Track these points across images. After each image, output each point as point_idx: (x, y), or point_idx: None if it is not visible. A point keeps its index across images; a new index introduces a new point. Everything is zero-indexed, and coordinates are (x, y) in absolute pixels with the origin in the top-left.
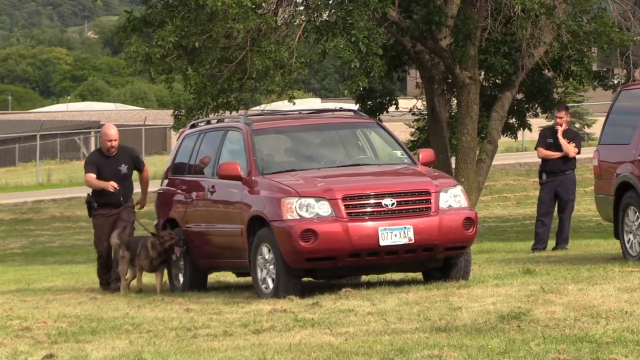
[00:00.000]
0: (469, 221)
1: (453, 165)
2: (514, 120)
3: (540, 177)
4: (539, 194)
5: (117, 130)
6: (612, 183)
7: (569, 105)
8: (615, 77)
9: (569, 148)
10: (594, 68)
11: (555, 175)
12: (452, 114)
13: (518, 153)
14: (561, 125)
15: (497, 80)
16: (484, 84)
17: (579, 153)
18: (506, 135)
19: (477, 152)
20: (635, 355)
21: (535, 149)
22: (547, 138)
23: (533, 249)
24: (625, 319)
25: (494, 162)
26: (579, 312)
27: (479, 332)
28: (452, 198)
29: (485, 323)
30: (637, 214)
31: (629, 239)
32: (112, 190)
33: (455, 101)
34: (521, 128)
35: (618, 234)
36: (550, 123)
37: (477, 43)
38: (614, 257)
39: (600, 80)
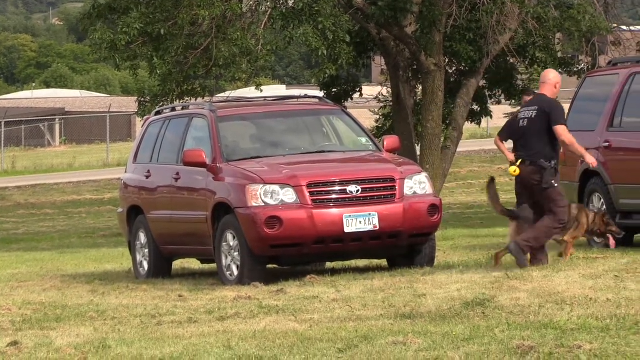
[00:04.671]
0: (434, 208)
1: (418, 152)
2: (476, 107)
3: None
4: (516, 181)
5: None
6: (577, 170)
7: (535, 91)
8: (580, 64)
9: None
10: (559, 55)
11: None
12: (417, 100)
13: (483, 140)
14: None
15: (462, 67)
16: (449, 70)
17: None
18: (470, 122)
19: (442, 138)
20: (599, 342)
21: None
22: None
23: None
24: (589, 306)
25: (459, 149)
26: (543, 298)
27: (443, 319)
28: (417, 185)
29: (450, 310)
30: (602, 200)
31: None
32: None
33: (421, 88)
34: (483, 115)
35: None
36: (515, 110)
37: (443, 30)
38: (578, 244)
39: (565, 66)
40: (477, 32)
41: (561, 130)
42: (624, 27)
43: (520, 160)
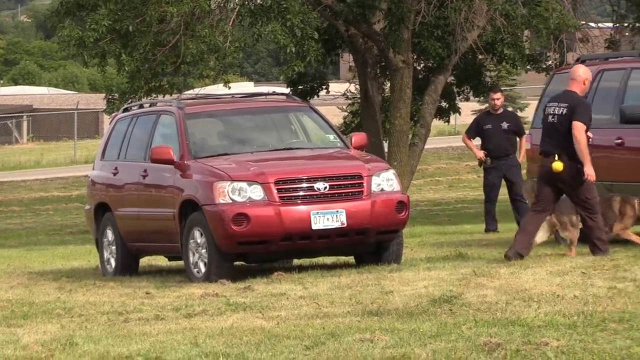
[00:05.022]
0: (401, 205)
1: (386, 149)
2: (445, 104)
3: (483, 162)
4: (485, 177)
5: None
6: None
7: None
8: (549, 61)
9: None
10: (527, 51)
11: (500, 159)
12: (385, 97)
13: (450, 137)
14: (498, 107)
15: (430, 64)
16: (417, 67)
17: (523, 134)
18: (439, 119)
19: (410, 135)
20: (566, 339)
21: (466, 132)
22: (485, 124)
23: (488, 230)
24: (557, 303)
25: (427, 146)
26: (510, 295)
27: (410, 316)
28: (385, 182)
29: (417, 307)
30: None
31: None
32: None
33: (389, 85)
34: (451, 112)
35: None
36: (484, 107)
37: (411, 27)
38: (545, 241)
39: (533, 63)
40: (445, 29)
41: (578, 127)
42: (592, 24)
43: (556, 155)
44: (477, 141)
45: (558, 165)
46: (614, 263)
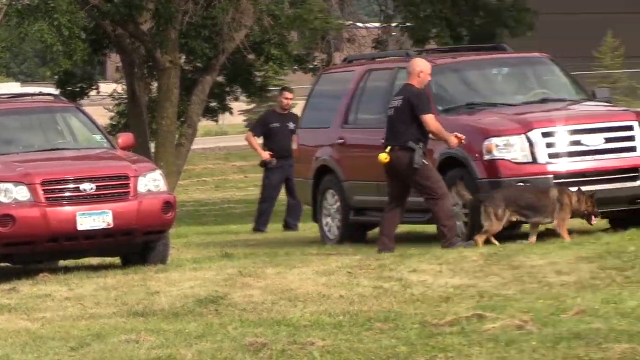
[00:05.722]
0: (168, 205)
1: (153, 150)
2: (215, 104)
3: (265, 163)
4: (267, 177)
5: None
6: (311, 167)
7: (270, 89)
8: (315, 61)
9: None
10: (294, 52)
11: (285, 159)
12: (153, 98)
13: (218, 137)
14: (288, 107)
15: (198, 64)
16: (184, 68)
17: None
18: (207, 119)
19: (177, 136)
20: (332, 339)
21: (251, 131)
22: (272, 123)
23: (258, 230)
24: (323, 303)
25: (194, 146)
26: (277, 295)
27: (176, 317)
28: (151, 182)
29: (183, 307)
30: (336, 197)
31: (327, 223)
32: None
33: (156, 85)
34: (222, 111)
35: (317, 218)
36: (251, 107)
37: (179, 27)
38: (312, 241)
39: (300, 64)
40: (212, 29)
41: (428, 120)
42: (360, 25)
43: (389, 148)
44: (259, 140)
45: (382, 157)
46: (380, 263)
